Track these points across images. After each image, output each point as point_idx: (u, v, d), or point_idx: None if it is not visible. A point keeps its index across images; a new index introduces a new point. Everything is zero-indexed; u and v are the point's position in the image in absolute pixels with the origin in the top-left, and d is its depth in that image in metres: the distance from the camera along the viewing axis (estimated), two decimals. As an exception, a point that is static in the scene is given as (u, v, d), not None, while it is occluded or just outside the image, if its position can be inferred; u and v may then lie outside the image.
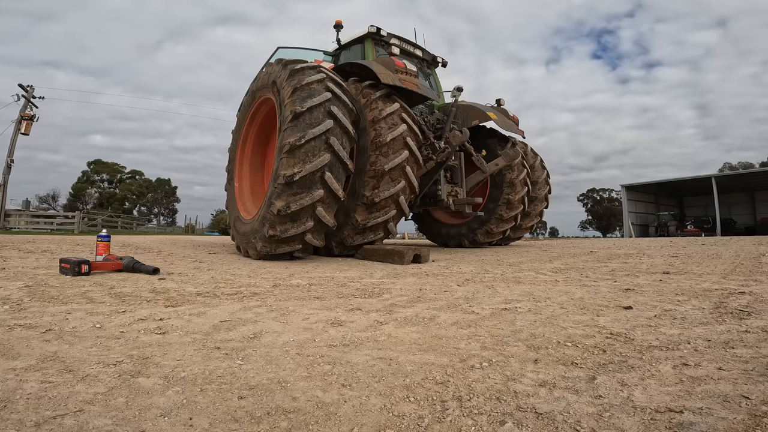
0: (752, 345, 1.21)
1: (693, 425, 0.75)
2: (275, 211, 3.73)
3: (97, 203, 43.77)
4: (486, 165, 6.09)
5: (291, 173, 3.68)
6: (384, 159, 4.42)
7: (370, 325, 1.52)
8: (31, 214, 21.67)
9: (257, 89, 5.04)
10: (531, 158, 7.75)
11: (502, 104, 6.82)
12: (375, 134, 4.49)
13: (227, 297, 2.03)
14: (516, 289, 2.33)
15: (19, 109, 19.32)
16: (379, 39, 6.08)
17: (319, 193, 3.77)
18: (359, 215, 4.51)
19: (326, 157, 3.77)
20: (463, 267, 3.69)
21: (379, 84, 4.74)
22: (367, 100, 4.68)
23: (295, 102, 3.87)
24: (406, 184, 4.56)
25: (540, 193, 7.66)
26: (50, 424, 0.77)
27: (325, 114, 3.87)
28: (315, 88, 3.98)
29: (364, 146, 4.55)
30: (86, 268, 2.65)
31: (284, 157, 3.75)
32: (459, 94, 5.84)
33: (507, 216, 6.76)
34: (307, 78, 4.01)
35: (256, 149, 5.59)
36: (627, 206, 30.72)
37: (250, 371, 1.05)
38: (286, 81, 4.12)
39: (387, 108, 4.55)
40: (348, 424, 0.79)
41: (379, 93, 4.67)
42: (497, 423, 0.78)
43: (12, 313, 1.61)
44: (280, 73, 4.33)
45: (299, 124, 3.78)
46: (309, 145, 3.74)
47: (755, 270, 3.19)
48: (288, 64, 4.32)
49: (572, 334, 1.38)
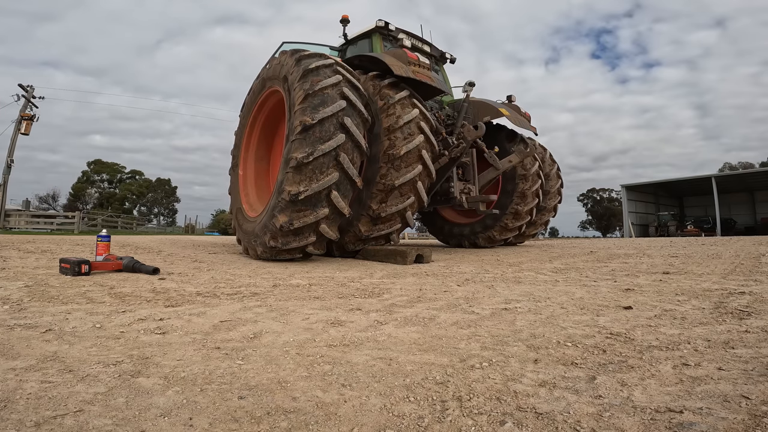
0: (752, 345, 1.21)
1: (693, 425, 0.75)
2: (278, 225, 3.60)
3: (97, 203, 43.77)
4: (499, 162, 5.91)
5: (296, 191, 3.50)
6: (395, 173, 4.21)
7: (370, 325, 1.52)
8: (31, 214, 21.66)
9: (268, 78, 4.75)
10: (540, 152, 7.47)
11: (513, 101, 6.62)
12: (389, 144, 4.27)
13: (227, 297, 2.03)
14: (516, 289, 2.33)
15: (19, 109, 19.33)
16: (387, 34, 5.91)
17: (324, 212, 3.61)
18: (363, 225, 4.36)
19: (335, 175, 3.57)
20: (463, 267, 3.69)
21: (398, 84, 4.55)
22: (385, 103, 4.42)
23: (306, 111, 3.62)
24: (416, 200, 4.38)
25: (552, 187, 7.40)
26: (50, 424, 0.77)
27: (338, 127, 3.64)
28: (329, 93, 3.71)
29: (376, 155, 4.31)
30: (86, 268, 2.65)
31: (290, 172, 3.55)
32: (471, 89, 5.60)
33: (522, 211, 6.50)
34: (321, 82, 3.72)
35: (263, 138, 5.36)
36: (627, 206, 30.71)
37: (250, 371, 1.05)
38: (298, 82, 3.86)
39: (405, 116, 4.30)
40: (348, 424, 0.79)
41: (399, 96, 4.41)
42: (497, 423, 0.78)
43: (12, 313, 1.61)
44: (292, 69, 4.04)
45: (308, 138, 3.55)
46: (317, 162, 3.52)
47: (755, 270, 3.19)
48: (301, 60, 3.99)
49: (572, 334, 1.38)
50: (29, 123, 19.24)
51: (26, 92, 19.49)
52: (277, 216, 3.63)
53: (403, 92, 4.46)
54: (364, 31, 6.03)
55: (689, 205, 34.81)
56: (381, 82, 4.61)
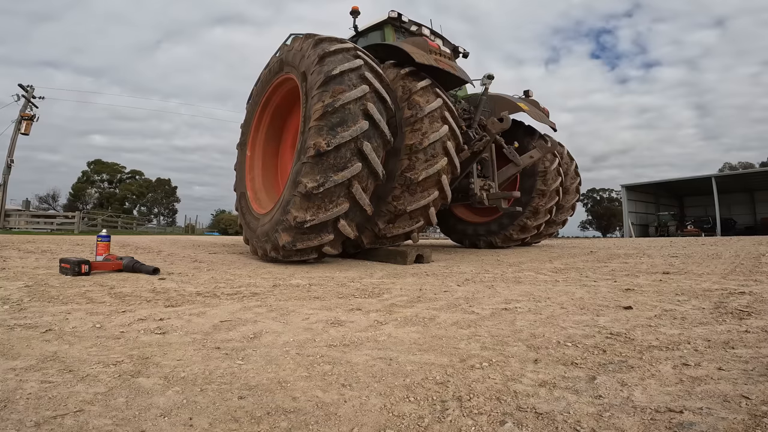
0: (752, 345, 1.21)
1: (693, 425, 0.75)
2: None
3: (97, 203, 43.79)
4: (519, 158, 5.67)
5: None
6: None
7: (370, 325, 1.52)
8: (31, 214, 21.66)
9: (286, 63, 4.37)
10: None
11: (531, 95, 6.43)
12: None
13: (227, 297, 2.03)
14: (516, 289, 2.33)
15: (19, 109, 19.34)
16: (400, 25, 5.67)
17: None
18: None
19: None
20: (463, 267, 3.69)
21: (418, 73, 4.29)
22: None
23: (322, 131, 3.30)
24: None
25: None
26: (50, 424, 0.77)
27: (355, 152, 3.37)
28: (351, 109, 3.38)
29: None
30: (86, 268, 2.65)
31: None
32: (489, 83, 5.25)
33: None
34: (342, 98, 3.35)
35: (276, 119, 5.04)
36: (627, 206, 30.70)
37: (250, 371, 1.05)
38: (317, 90, 3.49)
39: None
40: (348, 424, 0.79)
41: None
42: (497, 423, 0.78)
43: (12, 313, 1.61)
44: (312, 67, 3.66)
45: (320, 163, 3.28)
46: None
47: (755, 270, 3.18)
48: (323, 60, 3.57)
49: (572, 334, 1.38)
50: (29, 123, 19.25)
51: (26, 92, 19.50)
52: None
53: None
54: (376, 22, 5.79)
55: (689, 205, 34.79)
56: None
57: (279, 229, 3.49)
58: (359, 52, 3.81)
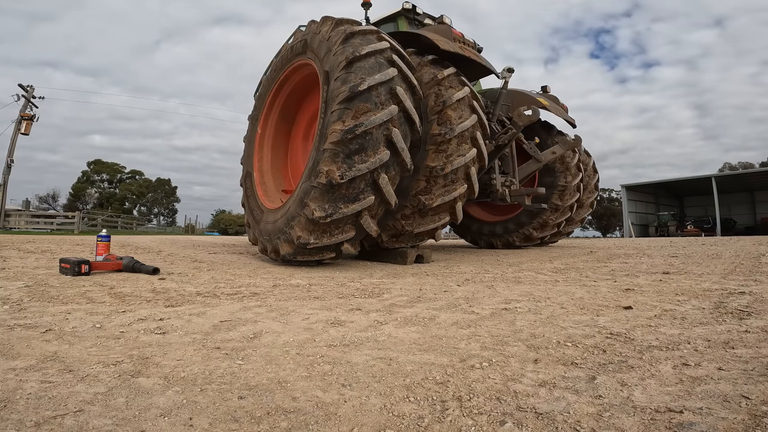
0: (752, 345, 1.21)
1: (693, 425, 0.75)
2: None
3: (97, 203, 43.78)
4: (540, 153, 5.48)
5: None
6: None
7: (370, 325, 1.52)
8: (31, 214, 21.65)
9: (309, 48, 3.96)
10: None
11: (548, 91, 6.30)
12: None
13: (227, 297, 2.03)
14: (516, 289, 2.33)
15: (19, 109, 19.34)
16: (414, 18, 5.49)
17: (369, 200, 3.12)
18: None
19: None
20: (463, 267, 3.69)
21: (442, 61, 4.10)
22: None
23: (337, 158, 3.05)
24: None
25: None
26: (50, 424, 0.77)
27: (369, 183, 3.15)
28: (374, 135, 3.08)
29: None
30: (86, 268, 2.65)
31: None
32: (510, 76, 5.00)
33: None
34: (369, 119, 3.05)
35: (291, 101, 4.75)
36: (627, 206, 30.70)
37: (250, 371, 1.05)
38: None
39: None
40: (348, 424, 0.79)
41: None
42: (497, 423, 0.78)
43: (12, 313, 1.61)
44: (333, 67, 3.35)
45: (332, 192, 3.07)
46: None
47: (755, 270, 3.18)
48: (352, 64, 3.21)
49: (572, 334, 1.38)
50: (29, 123, 19.25)
51: (26, 92, 19.50)
52: (308, 204, 3.10)
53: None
54: (389, 14, 5.60)
55: (689, 205, 34.79)
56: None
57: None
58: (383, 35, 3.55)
